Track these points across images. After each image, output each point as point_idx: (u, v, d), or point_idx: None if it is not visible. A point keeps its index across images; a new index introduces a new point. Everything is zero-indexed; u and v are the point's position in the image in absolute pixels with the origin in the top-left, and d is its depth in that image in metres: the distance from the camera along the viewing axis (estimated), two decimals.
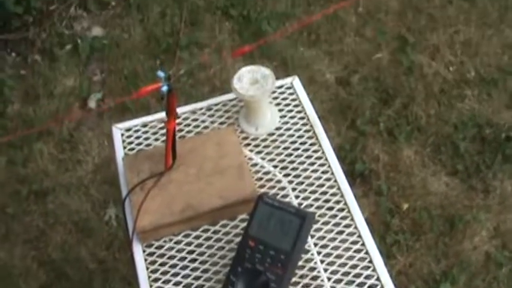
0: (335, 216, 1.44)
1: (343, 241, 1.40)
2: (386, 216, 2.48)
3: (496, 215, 2.46)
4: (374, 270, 1.35)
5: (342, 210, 1.45)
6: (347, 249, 1.38)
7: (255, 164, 1.54)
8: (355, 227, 1.42)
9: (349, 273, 1.35)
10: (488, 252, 2.36)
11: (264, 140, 1.59)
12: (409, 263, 2.35)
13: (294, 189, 1.49)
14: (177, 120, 1.64)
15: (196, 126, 1.65)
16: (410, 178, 2.59)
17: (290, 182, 1.50)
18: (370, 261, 1.37)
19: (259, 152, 1.57)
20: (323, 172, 1.51)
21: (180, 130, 1.64)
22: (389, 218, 2.47)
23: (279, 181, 1.50)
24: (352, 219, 1.43)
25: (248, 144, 1.59)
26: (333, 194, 1.47)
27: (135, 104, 2.84)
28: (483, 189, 2.55)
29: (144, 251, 1.44)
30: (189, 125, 1.66)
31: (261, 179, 1.51)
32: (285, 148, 1.57)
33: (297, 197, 1.47)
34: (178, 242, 1.44)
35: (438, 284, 2.28)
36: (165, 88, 1.29)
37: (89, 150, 2.78)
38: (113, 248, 2.42)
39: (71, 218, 2.54)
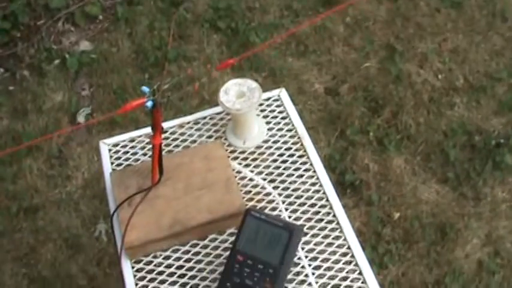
0: (324, 228, 1.43)
1: (333, 253, 1.39)
2: (378, 226, 2.47)
3: (488, 222, 2.46)
4: (364, 282, 1.35)
5: (331, 222, 1.44)
6: (337, 261, 1.38)
7: (244, 177, 1.54)
8: (345, 239, 1.41)
9: (339, 285, 1.34)
10: (481, 260, 2.36)
11: (252, 153, 1.59)
12: (401, 272, 2.34)
13: (283, 202, 1.48)
14: (165, 135, 1.64)
15: (184, 141, 1.65)
16: (400, 187, 2.59)
17: (279, 194, 1.50)
18: (360, 273, 1.36)
19: (247, 165, 1.57)
20: (312, 184, 1.51)
21: (168, 145, 1.63)
22: (380, 228, 2.47)
23: (268, 194, 1.50)
24: (341, 231, 1.42)
25: (236, 158, 1.58)
26: (322, 206, 1.47)
27: (124, 119, 2.83)
28: (474, 197, 2.55)
29: (133, 267, 1.43)
30: (176, 139, 1.65)
31: (249, 192, 1.51)
32: (273, 161, 1.57)
33: (286, 209, 1.47)
34: (167, 258, 1.43)
35: None
36: (149, 103, 1.28)
37: (78, 166, 2.77)
38: (104, 264, 2.41)
39: (61, 235, 2.52)
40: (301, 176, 1.53)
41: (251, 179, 1.53)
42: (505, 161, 2.62)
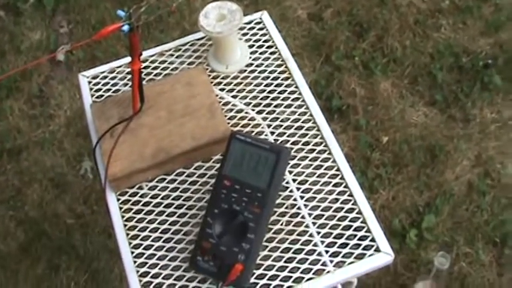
0: (312, 150, 1.40)
1: (322, 175, 1.37)
2: (367, 150, 2.45)
3: (477, 143, 2.44)
4: (355, 203, 1.32)
5: (319, 144, 1.41)
6: (326, 183, 1.35)
7: (227, 103, 1.50)
8: (334, 161, 1.38)
9: (329, 207, 1.32)
10: (471, 181, 2.35)
11: (235, 77, 1.55)
12: (391, 196, 2.33)
13: (268, 126, 1.45)
14: (145, 64, 1.59)
15: (165, 69, 1.60)
16: (388, 111, 2.55)
17: (264, 118, 1.46)
18: (351, 195, 1.34)
19: (230, 91, 1.53)
20: (298, 106, 1.47)
21: (148, 74, 1.58)
22: (369, 153, 2.44)
23: (252, 119, 1.46)
24: (330, 153, 1.39)
25: (219, 83, 1.54)
26: (309, 129, 1.44)
27: (105, 53, 2.76)
28: (463, 118, 2.52)
29: (118, 200, 1.40)
30: (157, 68, 1.60)
31: (234, 117, 1.47)
32: (257, 85, 1.53)
33: (272, 133, 1.44)
34: (152, 188, 1.40)
35: (422, 216, 2.26)
36: (126, 27, 1.23)
37: (60, 104, 2.71)
38: (90, 201, 2.37)
39: (46, 175, 2.48)
40: (286, 98, 1.49)
41: (235, 104, 1.49)
42: (493, 81, 2.58)
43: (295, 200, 1.33)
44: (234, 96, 1.51)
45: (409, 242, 2.20)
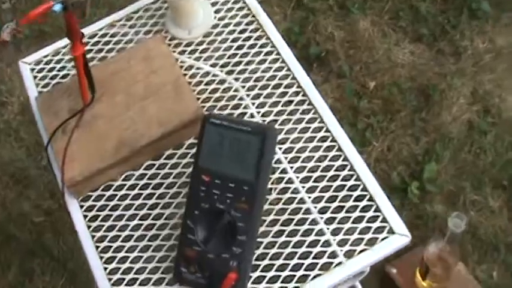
0: (291, 102, 1.21)
1: (305, 130, 1.17)
2: (353, 99, 2.24)
3: (472, 78, 2.24)
4: (346, 159, 1.13)
5: (297, 94, 1.22)
6: (311, 138, 1.16)
7: (195, 74, 1.30)
8: (316, 112, 1.18)
9: (317, 167, 1.13)
10: (470, 120, 2.15)
11: (201, 43, 1.34)
12: (386, 147, 2.13)
13: (243, 87, 1.26)
14: (94, 39, 1.37)
15: (118, 42, 1.38)
16: (372, 52, 2.34)
17: (236, 79, 1.26)
18: (340, 149, 1.14)
19: (197, 59, 1.31)
20: (272, 61, 1.27)
21: (99, 51, 1.37)
22: (356, 101, 2.23)
23: (228, 88, 1.25)
24: (310, 104, 1.20)
25: (182, 52, 1.32)
26: (289, 86, 1.23)
27: (53, 28, 2.50)
28: (453, 52, 2.31)
29: (81, 207, 1.19)
30: (108, 42, 1.39)
31: (204, 91, 1.27)
32: (227, 48, 1.32)
33: (247, 95, 1.23)
34: (119, 188, 1.20)
35: (422, 166, 2.07)
36: (57, 7, 0.99)
37: (12, 90, 2.45)
38: (58, 195, 2.14)
39: (6, 170, 2.24)
40: (258, 53, 1.29)
41: (205, 74, 1.28)
42: (481, 8, 2.37)
43: (284, 172, 1.13)
44: (203, 65, 1.29)
45: (411, 196, 2.01)
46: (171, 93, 1.21)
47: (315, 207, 1.10)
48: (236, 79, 1.26)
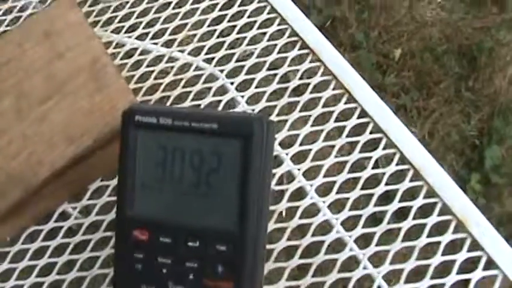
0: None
1: None
2: (376, 74, 1.84)
3: None
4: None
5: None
6: None
7: (130, 54, 0.80)
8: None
9: None
10: None
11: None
12: (427, 132, 1.74)
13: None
14: None
15: (9, 12, 0.92)
16: (391, 12, 1.95)
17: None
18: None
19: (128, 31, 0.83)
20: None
21: None
22: (380, 77, 1.84)
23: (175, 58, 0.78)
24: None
25: (100, 22, 0.83)
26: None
27: None
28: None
29: None
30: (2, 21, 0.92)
31: (147, 75, 0.77)
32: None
33: (221, 71, 0.75)
34: (18, 257, 0.71)
35: (481, 151, 1.67)
36: None
37: None
38: None
39: None
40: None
41: (145, 51, 0.79)
42: None
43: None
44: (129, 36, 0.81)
45: (471, 194, 1.58)
46: (88, 84, 0.74)
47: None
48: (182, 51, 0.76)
